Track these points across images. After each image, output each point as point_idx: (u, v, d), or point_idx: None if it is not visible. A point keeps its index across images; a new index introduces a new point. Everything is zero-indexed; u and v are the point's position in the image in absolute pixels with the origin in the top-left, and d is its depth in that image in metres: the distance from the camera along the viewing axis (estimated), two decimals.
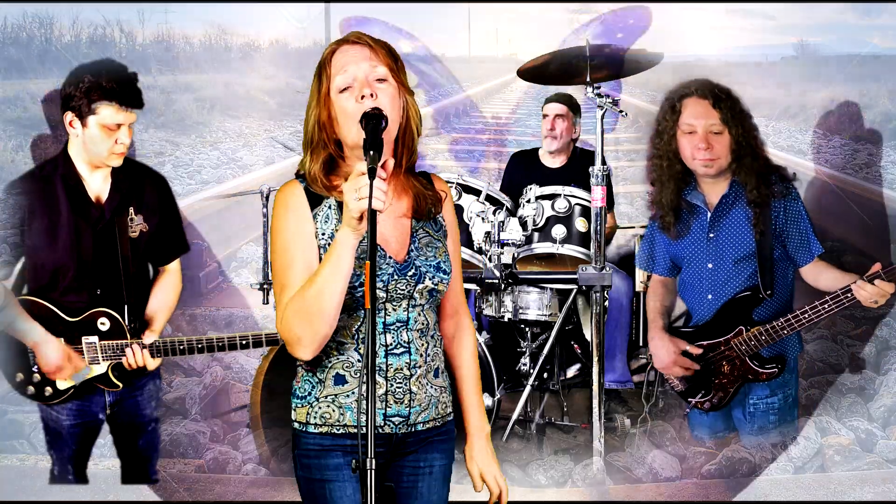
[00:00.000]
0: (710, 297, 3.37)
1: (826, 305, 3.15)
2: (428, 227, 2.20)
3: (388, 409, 2.11)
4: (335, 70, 2.08)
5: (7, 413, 3.93)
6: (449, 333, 2.30)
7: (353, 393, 2.11)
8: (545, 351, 4.23)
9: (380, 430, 2.10)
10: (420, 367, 2.15)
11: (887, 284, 3.06)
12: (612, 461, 3.85)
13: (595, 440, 3.71)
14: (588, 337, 4.40)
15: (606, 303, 4.17)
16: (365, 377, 1.85)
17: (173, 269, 3.45)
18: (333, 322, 2.02)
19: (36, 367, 3.24)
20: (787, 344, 3.32)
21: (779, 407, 3.35)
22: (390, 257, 2.11)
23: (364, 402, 1.85)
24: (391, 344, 2.11)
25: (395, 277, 2.10)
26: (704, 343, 3.37)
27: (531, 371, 4.22)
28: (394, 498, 2.15)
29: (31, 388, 3.26)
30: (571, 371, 4.64)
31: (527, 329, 4.34)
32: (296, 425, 2.15)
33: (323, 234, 2.10)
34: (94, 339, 3.24)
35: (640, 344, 4.70)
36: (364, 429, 1.85)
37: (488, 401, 3.92)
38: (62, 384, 3.25)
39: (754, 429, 3.38)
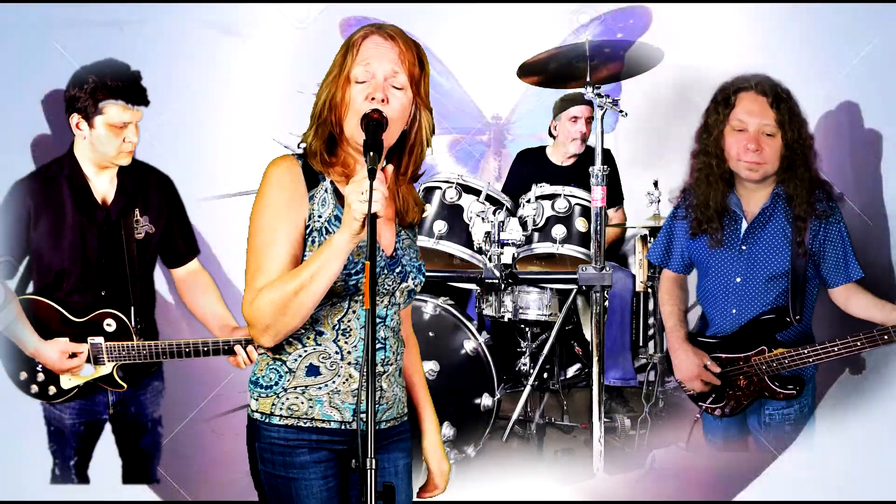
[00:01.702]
0: (734, 311, 3.23)
1: (859, 343, 3.04)
2: (408, 231, 2.22)
3: (359, 404, 2.05)
4: (359, 59, 2.06)
5: (7, 411, 3.93)
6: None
7: (325, 386, 2.08)
8: (545, 351, 4.24)
9: (346, 427, 2.09)
10: (391, 364, 2.15)
11: None
12: (612, 461, 3.85)
13: (595, 440, 3.71)
14: (588, 337, 4.40)
15: (607, 302, 4.17)
16: (365, 378, 1.84)
17: (195, 269, 3.45)
18: (306, 318, 2.00)
19: (40, 366, 3.26)
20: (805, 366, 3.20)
21: (795, 418, 3.26)
22: (382, 251, 2.10)
23: (364, 402, 1.84)
24: (367, 337, 2.07)
25: (386, 272, 2.10)
26: (723, 356, 3.26)
27: (531, 371, 4.23)
28: (394, 497, 2.15)
29: (34, 387, 3.27)
30: (571, 371, 4.64)
31: (527, 329, 4.35)
32: (257, 416, 2.10)
33: (319, 216, 2.06)
34: (100, 339, 3.25)
35: (640, 344, 4.71)
36: (364, 428, 1.84)
37: (488, 401, 3.92)
38: (66, 383, 3.26)
39: (769, 438, 3.29)
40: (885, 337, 3.00)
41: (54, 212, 3.21)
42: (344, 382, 2.08)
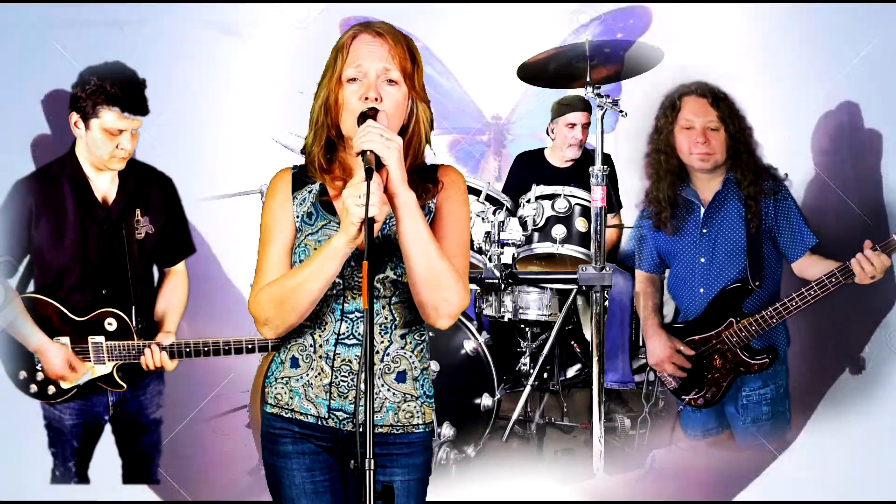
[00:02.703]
0: (701, 290, 3.49)
1: (812, 291, 3.27)
2: None
3: (332, 401, 2.07)
4: (349, 59, 2.07)
5: (7, 411, 3.93)
6: None
7: (301, 378, 2.09)
8: (545, 351, 4.23)
9: (323, 423, 2.08)
10: (374, 364, 2.08)
11: (885, 258, 3.20)
12: (612, 461, 3.85)
13: (595, 440, 3.71)
14: (588, 337, 4.40)
15: (606, 303, 4.17)
16: (364, 378, 1.82)
17: (179, 270, 3.47)
18: (305, 315, 2.04)
19: (40, 366, 3.26)
20: (777, 337, 3.44)
21: (771, 398, 3.45)
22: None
23: (363, 401, 1.84)
24: (344, 333, 2.06)
25: (353, 265, 2.05)
26: (696, 338, 3.47)
27: (531, 371, 4.22)
28: (393, 497, 2.14)
29: (34, 387, 3.28)
30: (571, 371, 4.64)
31: (527, 329, 4.34)
32: (262, 404, 2.16)
33: (297, 216, 2.11)
34: (101, 339, 3.25)
35: (641, 344, 4.71)
36: (362, 428, 1.82)
37: (488, 401, 3.92)
38: (66, 383, 3.27)
39: (748, 421, 3.46)
40: (833, 280, 3.25)
41: (55, 211, 3.22)
42: (316, 376, 2.08)
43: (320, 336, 2.09)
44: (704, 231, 3.47)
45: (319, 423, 2.08)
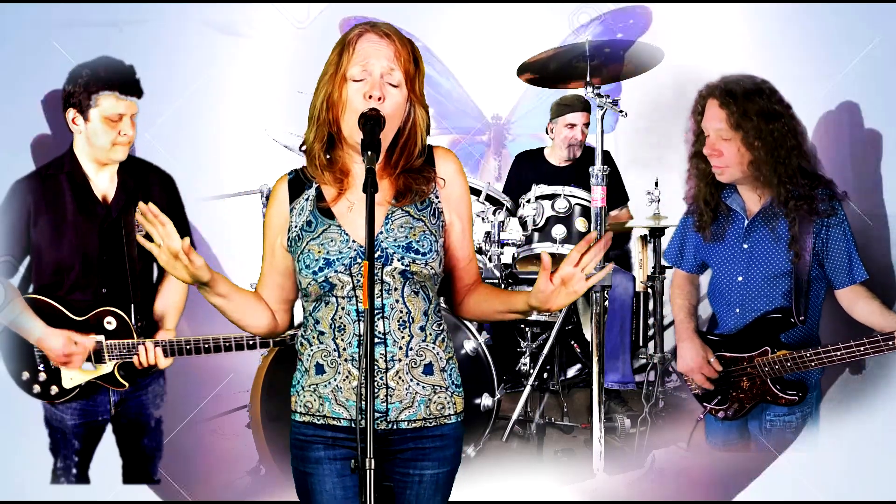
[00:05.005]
0: (737, 310, 3.22)
1: (862, 348, 2.98)
2: (409, 207, 2.14)
3: (358, 402, 2.06)
4: (355, 58, 2.07)
5: (8, 411, 3.93)
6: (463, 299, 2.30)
7: (329, 383, 2.11)
8: (545, 351, 4.24)
9: (354, 425, 2.08)
10: (399, 360, 2.10)
11: None
12: (612, 461, 3.85)
13: (595, 440, 3.71)
14: (588, 337, 4.40)
15: (606, 303, 4.17)
16: (363, 377, 1.84)
17: None
18: (246, 326, 2.23)
19: (42, 366, 3.26)
20: (810, 371, 3.17)
21: (796, 426, 3.23)
22: (353, 241, 2.09)
23: (363, 400, 1.84)
24: (363, 334, 2.00)
25: (359, 261, 2.07)
26: (727, 355, 3.25)
27: (531, 371, 4.23)
28: (392, 497, 2.15)
29: (36, 387, 3.28)
30: (571, 371, 4.64)
31: (527, 329, 4.35)
32: (292, 413, 2.18)
33: (295, 226, 2.14)
34: (101, 337, 3.25)
35: (640, 344, 4.71)
36: (363, 428, 1.83)
37: (488, 401, 3.92)
38: (68, 383, 3.27)
39: (770, 444, 3.28)
40: (890, 343, 2.95)
41: (55, 209, 3.22)
42: (344, 380, 2.10)
43: (342, 340, 2.10)
44: (745, 246, 3.17)
45: (352, 425, 2.09)
